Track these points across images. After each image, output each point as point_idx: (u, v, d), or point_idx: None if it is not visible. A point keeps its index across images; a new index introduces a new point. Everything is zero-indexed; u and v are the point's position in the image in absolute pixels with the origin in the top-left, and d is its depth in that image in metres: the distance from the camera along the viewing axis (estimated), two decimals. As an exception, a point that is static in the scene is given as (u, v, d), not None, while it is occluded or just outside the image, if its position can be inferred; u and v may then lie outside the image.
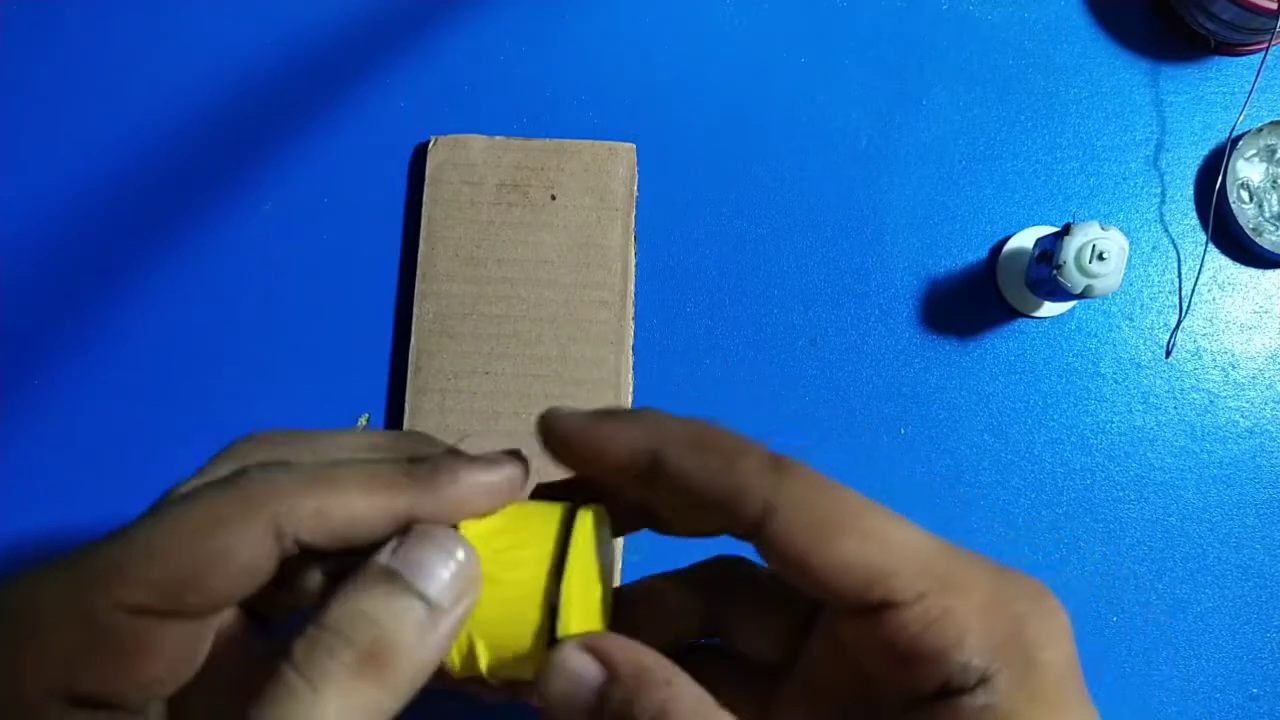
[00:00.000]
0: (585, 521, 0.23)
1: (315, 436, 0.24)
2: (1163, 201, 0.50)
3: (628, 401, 0.47)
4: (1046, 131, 0.50)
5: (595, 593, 0.23)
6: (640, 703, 0.20)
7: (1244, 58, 0.51)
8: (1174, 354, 0.49)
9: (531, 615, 0.22)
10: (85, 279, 0.49)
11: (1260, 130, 0.49)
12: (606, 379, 0.46)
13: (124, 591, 0.19)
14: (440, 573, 0.21)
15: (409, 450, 0.24)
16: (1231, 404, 0.48)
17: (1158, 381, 0.49)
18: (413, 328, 0.47)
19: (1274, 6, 0.46)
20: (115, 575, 0.19)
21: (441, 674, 0.22)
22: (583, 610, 0.22)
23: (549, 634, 0.21)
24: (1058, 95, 0.51)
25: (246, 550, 0.20)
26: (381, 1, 0.52)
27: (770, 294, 0.49)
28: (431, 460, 0.22)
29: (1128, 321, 0.49)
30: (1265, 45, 0.49)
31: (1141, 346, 0.49)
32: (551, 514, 0.23)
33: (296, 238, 0.49)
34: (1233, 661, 0.46)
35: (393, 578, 0.20)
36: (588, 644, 0.21)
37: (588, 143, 0.48)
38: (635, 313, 0.48)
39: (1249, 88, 0.49)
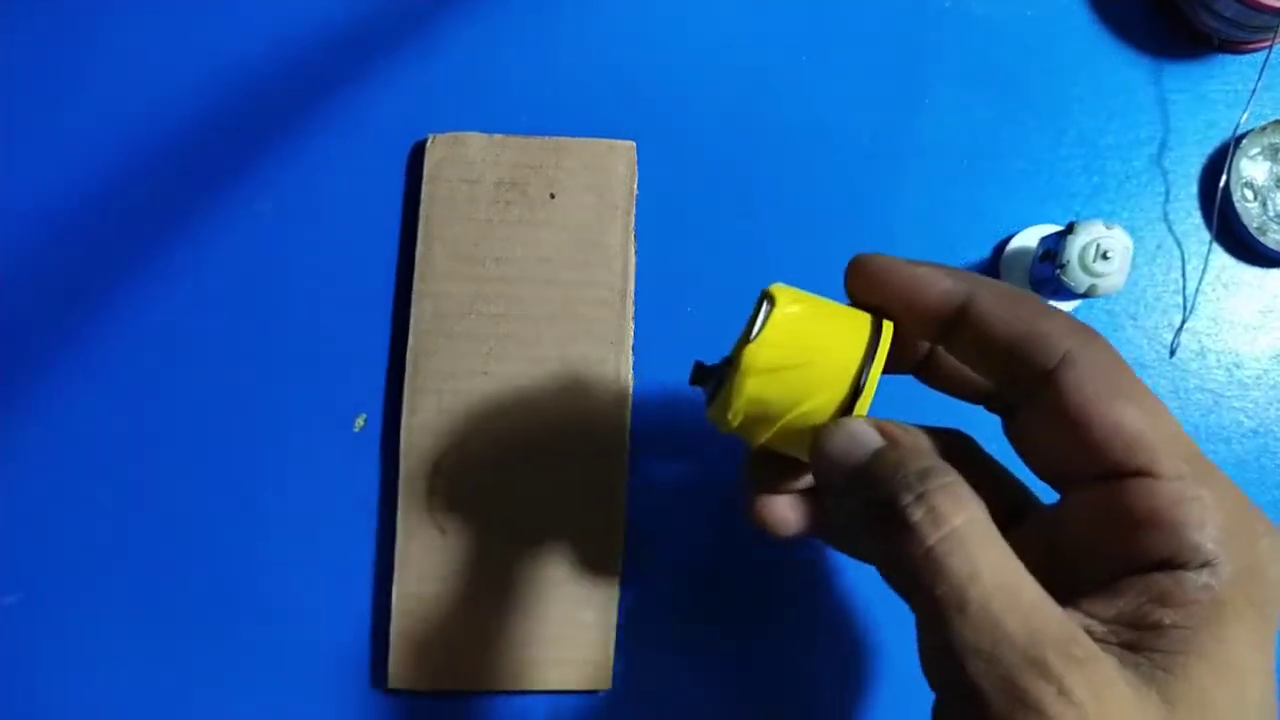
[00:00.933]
0: (888, 331, 0.27)
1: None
2: (1167, 200, 0.50)
3: (627, 401, 0.46)
4: (1049, 130, 0.50)
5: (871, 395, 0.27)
6: (910, 468, 0.23)
7: (1248, 55, 0.51)
8: (1178, 354, 0.48)
9: (838, 388, 0.26)
10: (78, 278, 0.48)
11: (1264, 129, 0.49)
12: (606, 379, 0.46)
13: None
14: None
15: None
16: (1236, 404, 0.48)
17: (1162, 381, 0.48)
18: (410, 327, 0.46)
19: (1278, 4, 0.46)
20: None
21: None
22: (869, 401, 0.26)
23: (846, 408, 0.26)
24: (1061, 93, 0.51)
25: None
26: (379, -2, 0.51)
27: (771, 293, 0.49)
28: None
29: (1131, 321, 0.49)
30: (1269, 43, 0.49)
31: (1145, 346, 0.49)
32: (864, 319, 0.28)
33: (292, 236, 0.49)
34: (1237, 663, 0.46)
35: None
36: (875, 421, 0.26)
37: (587, 141, 0.48)
38: (635, 312, 0.47)
39: (1253, 86, 0.49)
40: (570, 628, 0.43)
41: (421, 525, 0.44)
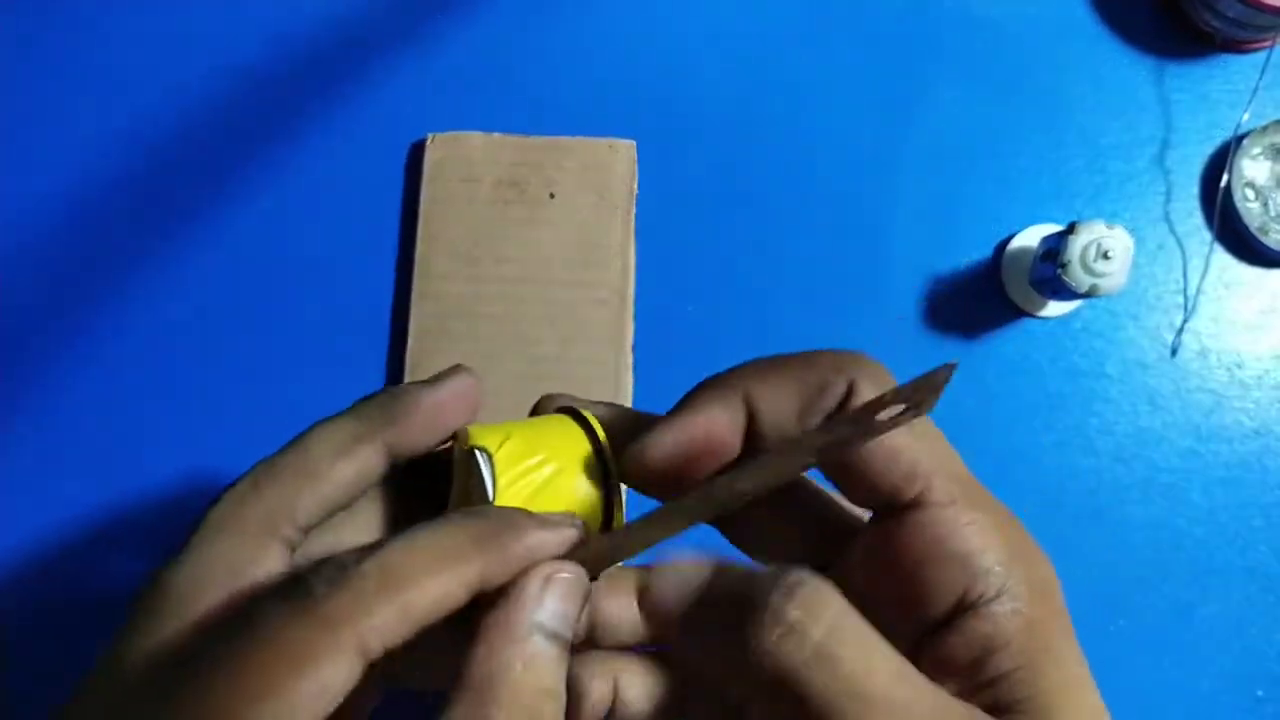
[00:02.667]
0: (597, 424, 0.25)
1: (305, 467, 0.23)
2: (1168, 200, 0.50)
3: (627, 401, 0.46)
4: (1051, 129, 0.50)
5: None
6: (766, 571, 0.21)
7: (1249, 55, 0.51)
8: (1179, 354, 0.48)
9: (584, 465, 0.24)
10: (80, 277, 0.48)
11: (1266, 129, 0.49)
12: (606, 379, 0.46)
13: None
14: (574, 613, 0.21)
15: (390, 430, 0.24)
16: (1237, 404, 0.48)
17: (1163, 382, 0.48)
18: (410, 327, 0.46)
19: (1279, 4, 0.46)
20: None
21: None
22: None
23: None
24: (1062, 92, 0.50)
25: (341, 679, 0.18)
26: (378, -3, 0.51)
27: (772, 293, 0.48)
28: (489, 519, 0.22)
29: (1133, 321, 0.49)
30: (1270, 43, 0.49)
31: (1147, 346, 0.48)
32: (565, 424, 0.25)
33: (293, 236, 0.49)
34: (1238, 664, 0.46)
35: (541, 634, 0.21)
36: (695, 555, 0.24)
37: (587, 140, 0.48)
38: (635, 312, 0.47)
39: (1254, 85, 0.49)
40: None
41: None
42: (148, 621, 0.21)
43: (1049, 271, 0.44)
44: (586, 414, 0.25)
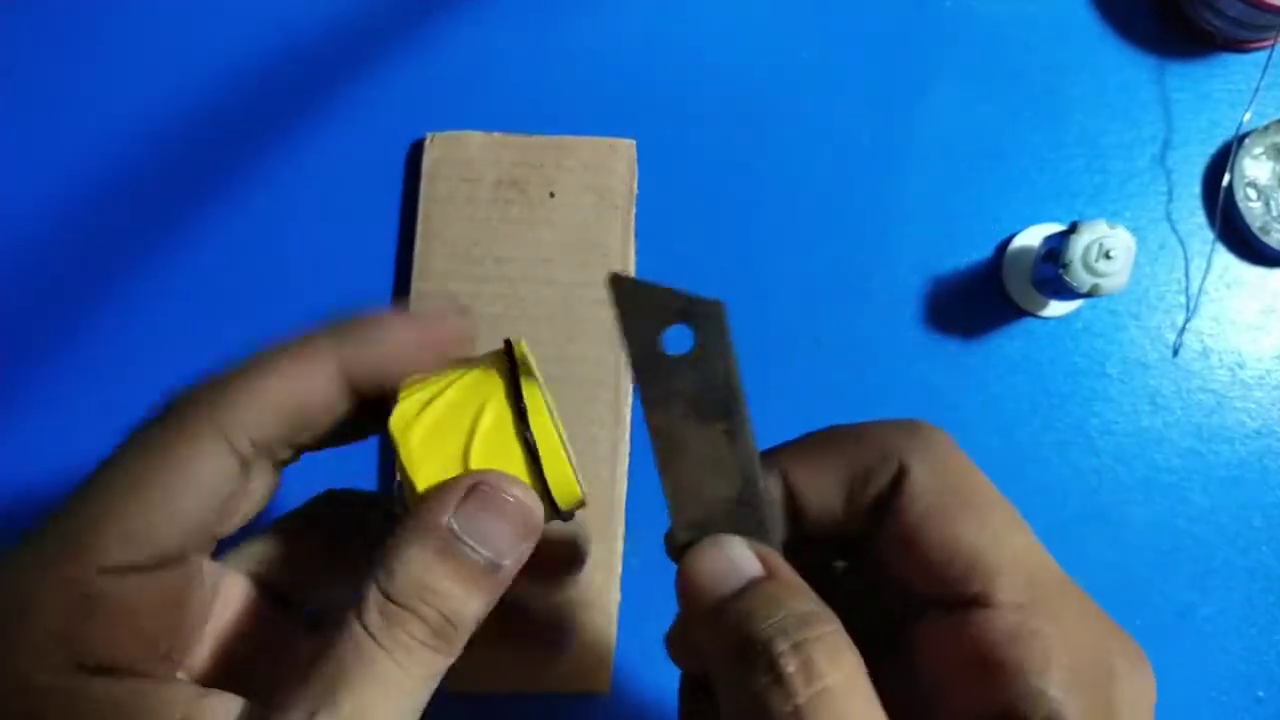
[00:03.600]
0: (518, 345, 0.23)
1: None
2: (1169, 200, 0.50)
3: (627, 401, 0.46)
4: (1052, 128, 0.50)
5: (552, 438, 0.22)
6: (791, 609, 0.19)
7: (1251, 54, 0.51)
8: (1181, 354, 0.48)
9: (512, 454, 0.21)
10: (77, 276, 0.48)
11: (1267, 128, 0.49)
12: (606, 379, 0.45)
13: (99, 553, 0.19)
14: (503, 530, 0.20)
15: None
16: (1239, 404, 0.48)
17: (1165, 382, 0.48)
18: (409, 327, 0.46)
19: (1282, 2, 0.46)
20: (88, 538, 0.19)
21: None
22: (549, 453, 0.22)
23: (535, 471, 0.22)
24: (1063, 92, 0.50)
25: (205, 469, 0.20)
26: (377, -4, 0.51)
27: (772, 293, 0.48)
28: (358, 316, 0.22)
29: (1134, 321, 0.49)
30: (1272, 42, 0.48)
31: (1148, 346, 0.48)
32: (488, 367, 0.23)
33: (291, 236, 0.49)
34: (1239, 664, 0.46)
35: (457, 548, 0.20)
36: (755, 546, 0.21)
37: (587, 139, 0.48)
38: (635, 312, 0.47)
39: (1255, 85, 0.48)
40: (570, 630, 0.43)
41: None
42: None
43: (1050, 271, 0.44)
44: (517, 347, 0.23)
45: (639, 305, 0.21)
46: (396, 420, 0.22)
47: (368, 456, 0.46)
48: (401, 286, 0.48)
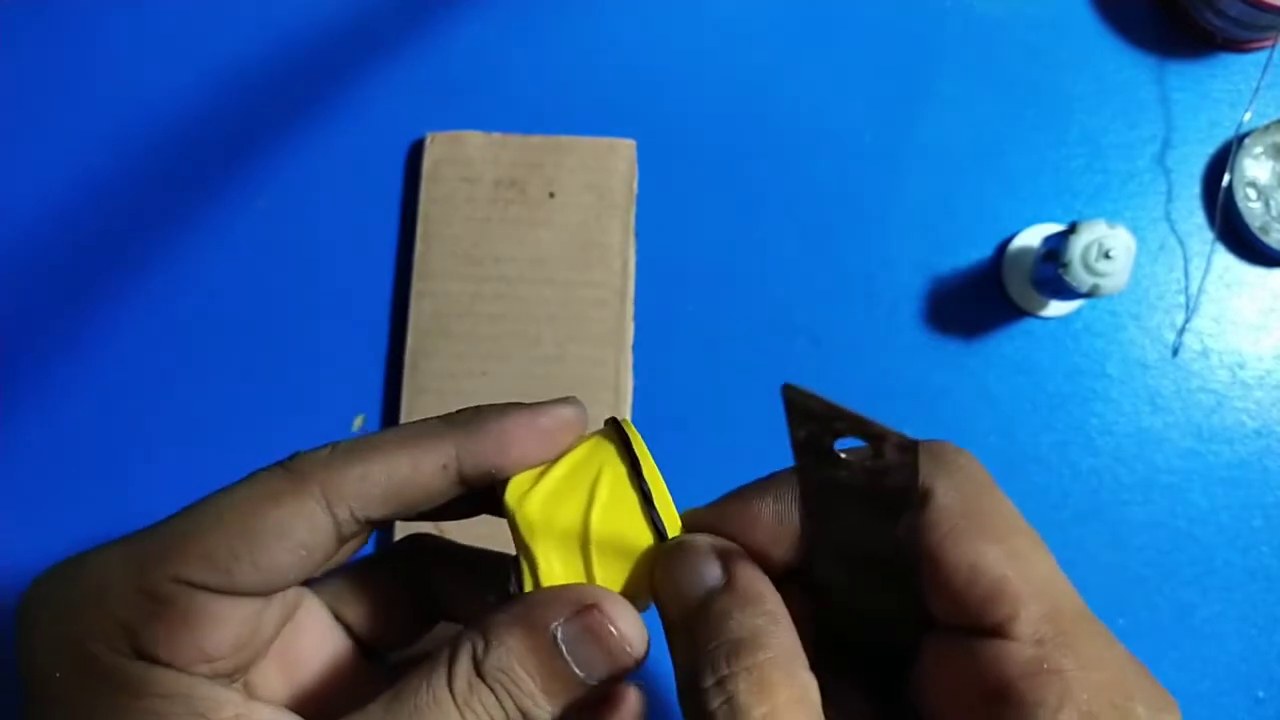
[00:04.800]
0: (633, 431, 0.23)
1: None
2: (1169, 199, 0.49)
3: (627, 401, 0.46)
4: (1052, 128, 0.50)
5: (666, 497, 0.23)
6: (725, 635, 0.19)
7: (1250, 54, 0.50)
8: (1181, 354, 0.48)
9: (635, 534, 0.22)
10: (77, 277, 0.48)
11: (1267, 128, 0.49)
12: (606, 379, 0.45)
13: (179, 566, 0.20)
14: (601, 660, 0.21)
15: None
16: (1239, 404, 0.48)
17: (1164, 382, 0.48)
18: (409, 327, 0.46)
19: (1282, 2, 0.46)
20: (172, 550, 0.20)
21: None
22: (669, 517, 0.22)
23: (658, 537, 0.22)
24: (1063, 92, 0.50)
25: (299, 525, 0.21)
26: (377, -4, 0.51)
27: (772, 292, 0.48)
28: (476, 409, 0.23)
29: (1134, 321, 0.49)
30: (1272, 42, 0.48)
31: (1148, 346, 0.48)
32: (598, 440, 0.23)
33: (292, 236, 0.49)
34: (1239, 664, 0.46)
35: (555, 656, 0.20)
36: (719, 547, 0.21)
37: (587, 139, 0.48)
38: (635, 312, 0.47)
39: (1256, 85, 0.48)
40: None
41: (420, 526, 0.44)
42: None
43: (1050, 271, 0.44)
44: (626, 427, 0.23)
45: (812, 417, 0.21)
46: (512, 492, 0.22)
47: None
48: (402, 286, 0.48)
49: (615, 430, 0.23)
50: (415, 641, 0.27)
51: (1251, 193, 0.49)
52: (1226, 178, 0.48)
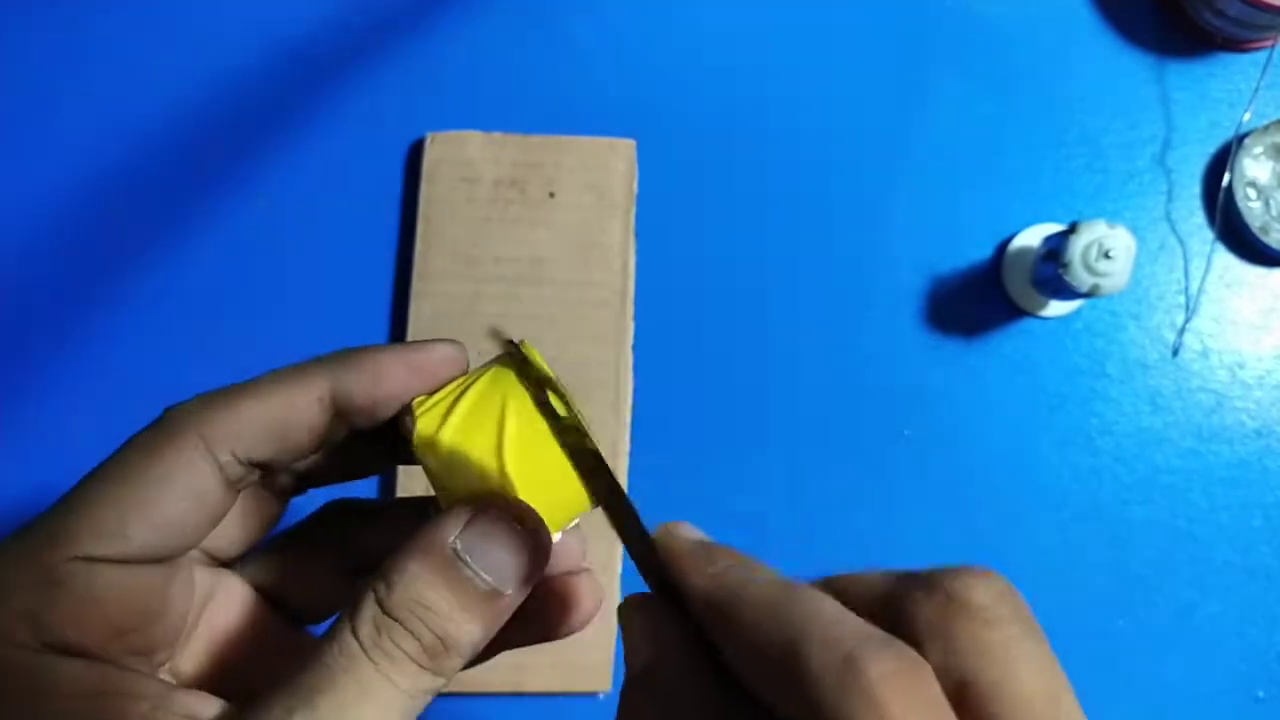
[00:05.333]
0: (532, 352, 0.23)
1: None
2: (1169, 199, 0.49)
3: (627, 401, 0.46)
4: (1052, 128, 0.50)
5: (575, 418, 0.22)
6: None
7: (1250, 54, 0.51)
8: (1181, 354, 0.48)
9: (549, 461, 0.21)
10: (77, 277, 0.48)
11: (1267, 128, 0.49)
12: (606, 379, 0.45)
13: (72, 544, 0.20)
14: (507, 560, 0.20)
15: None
16: (1239, 404, 0.48)
17: (1165, 382, 0.48)
18: (409, 328, 0.46)
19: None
20: (64, 530, 0.20)
21: None
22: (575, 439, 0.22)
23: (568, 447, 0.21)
24: (1063, 92, 0.50)
25: (181, 474, 0.20)
26: (377, -4, 0.51)
27: (772, 292, 0.48)
28: (348, 348, 0.23)
29: (1134, 321, 0.49)
30: (1271, 41, 0.48)
31: (1148, 346, 0.48)
32: (498, 369, 0.23)
33: (291, 236, 0.48)
34: (1239, 664, 0.46)
35: (458, 569, 0.19)
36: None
37: (587, 139, 0.47)
38: (635, 312, 0.47)
39: (1255, 84, 0.48)
40: (570, 630, 0.43)
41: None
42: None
43: (1050, 271, 0.44)
44: (526, 349, 0.23)
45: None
46: (420, 432, 0.22)
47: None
48: (402, 286, 0.47)
49: (514, 355, 0.23)
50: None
51: (1251, 193, 0.49)
52: (1226, 178, 0.48)
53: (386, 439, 0.23)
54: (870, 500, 0.46)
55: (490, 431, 0.21)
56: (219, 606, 0.23)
